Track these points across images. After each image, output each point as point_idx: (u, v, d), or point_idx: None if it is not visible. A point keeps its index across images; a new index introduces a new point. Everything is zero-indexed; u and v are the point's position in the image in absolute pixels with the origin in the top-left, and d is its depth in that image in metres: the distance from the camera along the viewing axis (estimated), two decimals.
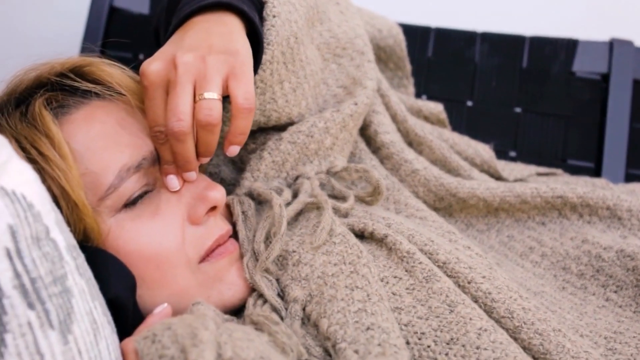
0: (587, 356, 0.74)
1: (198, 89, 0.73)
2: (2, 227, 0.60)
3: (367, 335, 0.72)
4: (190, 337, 0.62)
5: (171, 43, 0.77)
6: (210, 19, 0.78)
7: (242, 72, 0.74)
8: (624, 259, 0.89)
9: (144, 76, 0.74)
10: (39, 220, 0.62)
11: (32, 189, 0.63)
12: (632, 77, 1.18)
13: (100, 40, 1.19)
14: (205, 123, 0.73)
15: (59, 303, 0.61)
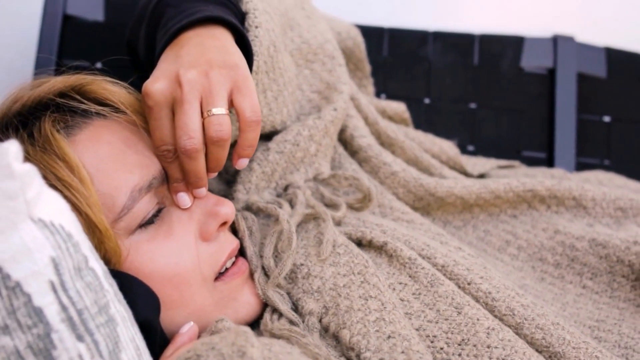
0: (587, 346, 0.79)
1: (205, 105, 0.73)
2: (44, 260, 0.59)
3: (389, 344, 0.74)
4: (239, 355, 0.63)
5: (168, 60, 0.77)
6: (202, 34, 0.79)
7: (245, 86, 0.75)
8: (597, 248, 0.95)
9: (148, 96, 0.74)
10: (79, 250, 0.62)
11: (67, 218, 0.63)
12: (576, 70, 1.25)
13: (56, 48, 1.15)
14: (217, 139, 0.73)
15: (106, 333, 0.61)
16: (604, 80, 1.27)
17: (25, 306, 0.58)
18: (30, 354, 0.58)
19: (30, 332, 0.58)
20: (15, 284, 0.58)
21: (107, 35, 1.18)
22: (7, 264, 0.58)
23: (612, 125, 1.26)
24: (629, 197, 1.03)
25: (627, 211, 1.02)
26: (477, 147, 1.23)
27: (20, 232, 0.59)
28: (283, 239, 0.83)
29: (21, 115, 0.77)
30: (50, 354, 0.58)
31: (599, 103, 1.26)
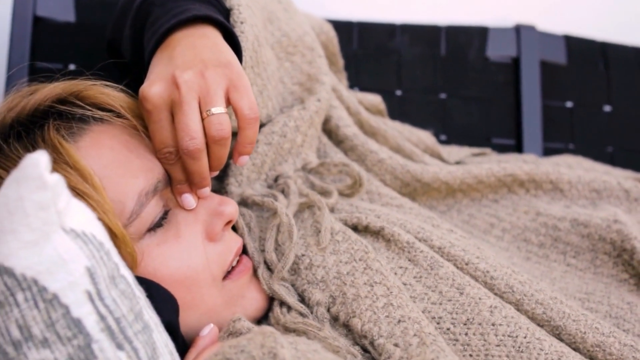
0: (586, 318, 0.83)
1: (204, 105, 0.74)
2: (80, 270, 0.60)
3: (401, 328, 0.77)
4: (270, 357, 0.65)
5: (162, 62, 0.77)
6: (192, 33, 0.79)
7: (241, 84, 0.76)
8: (578, 227, 1.00)
9: (146, 100, 0.74)
10: (111, 259, 0.62)
11: (96, 226, 0.63)
12: (539, 58, 1.30)
13: (28, 51, 1.13)
14: (219, 138, 0.74)
15: (144, 340, 0.62)
16: (564, 67, 1.32)
17: (64, 318, 0.58)
18: None
19: (70, 344, 0.58)
20: (53, 296, 0.58)
21: (80, 36, 1.16)
22: (43, 276, 0.58)
23: (575, 110, 1.31)
24: (602, 179, 1.07)
25: (601, 192, 1.07)
26: (449, 136, 1.27)
27: (53, 243, 0.59)
28: (282, 232, 0.84)
29: (20, 123, 0.76)
30: None
31: (561, 89, 1.31)
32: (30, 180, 0.57)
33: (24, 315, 0.58)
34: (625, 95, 1.32)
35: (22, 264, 0.58)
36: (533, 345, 0.79)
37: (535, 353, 0.78)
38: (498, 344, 0.79)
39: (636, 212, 1.06)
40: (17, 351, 0.58)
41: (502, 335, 0.79)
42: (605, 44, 1.34)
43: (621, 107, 1.32)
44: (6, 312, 0.58)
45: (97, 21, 1.17)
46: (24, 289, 0.58)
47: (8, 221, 0.58)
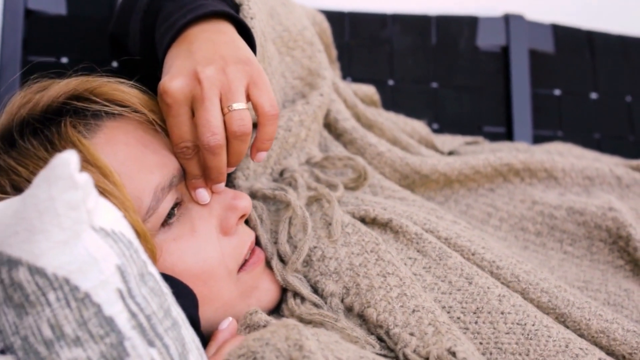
0: (589, 305, 0.85)
1: (225, 101, 0.74)
2: (111, 268, 0.60)
3: (415, 317, 0.78)
4: (297, 349, 0.65)
5: (180, 57, 0.77)
6: (209, 29, 0.79)
7: (261, 80, 0.76)
8: (574, 215, 1.02)
9: (166, 94, 0.74)
10: (139, 256, 0.63)
11: (124, 224, 0.63)
12: (528, 47, 1.31)
13: (20, 44, 1.12)
14: (240, 133, 0.74)
15: (174, 336, 0.62)
16: (552, 56, 1.33)
17: (96, 316, 0.58)
18: None
19: (102, 342, 0.58)
20: (85, 294, 0.58)
21: (71, 29, 1.15)
22: (75, 275, 0.58)
23: (563, 98, 1.33)
24: (594, 167, 1.10)
25: (594, 179, 1.09)
26: (441, 125, 1.28)
27: (84, 242, 0.59)
28: (295, 224, 0.85)
29: (35, 119, 0.76)
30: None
31: (550, 77, 1.33)
32: (60, 180, 0.57)
33: (55, 314, 0.58)
34: (611, 83, 1.35)
35: (54, 264, 0.58)
36: (541, 333, 0.81)
37: (543, 340, 0.80)
38: (507, 332, 0.81)
39: (628, 198, 1.09)
40: (49, 350, 0.58)
41: (511, 323, 0.81)
42: (591, 32, 1.36)
43: (607, 95, 1.34)
44: (37, 311, 0.58)
45: (89, 13, 1.17)
46: (56, 289, 0.58)
47: (38, 221, 0.58)
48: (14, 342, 0.59)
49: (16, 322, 0.59)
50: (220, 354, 0.70)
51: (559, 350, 0.80)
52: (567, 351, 0.80)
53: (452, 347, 0.74)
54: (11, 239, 0.59)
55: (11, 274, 0.58)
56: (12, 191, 0.70)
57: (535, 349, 0.80)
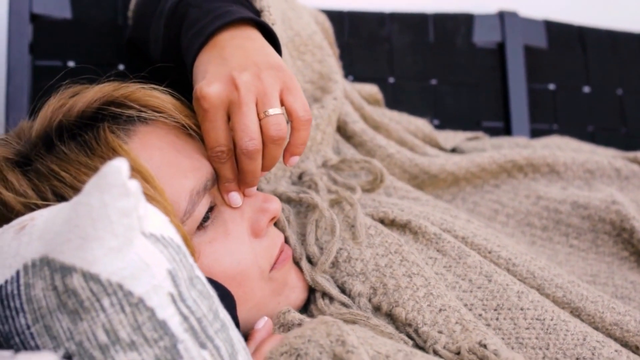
0: (602, 299, 0.88)
1: (261, 106, 0.76)
2: (162, 273, 0.61)
3: (443, 316, 0.80)
4: (340, 344, 0.67)
5: (212, 62, 0.78)
6: (238, 35, 0.80)
7: (293, 86, 0.78)
8: (579, 209, 1.05)
9: (204, 99, 0.75)
10: (187, 260, 0.64)
11: (171, 230, 0.65)
12: (523, 43, 1.35)
13: (27, 49, 1.12)
14: (277, 137, 0.76)
15: (224, 337, 0.63)
16: (546, 51, 1.37)
17: (150, 320, 0.60)
18: None
19: (157, 346, 0.60)
20: (138, 299, 0.60)
21: (77, 32, 1.16)
22: (128, 281, 0.59)
23: (557, 92, 1.36)
24: (594, 160, 1.13)
25: (595, 172, 1.12)
26: (442, 120, 1.31)
27: (136, 248, 0.60)
28: (321, 226, 0.87)
29: (71, 124, 0.77)
30: None
31: (544, 72, 1.36)
32: (113, 187, 0.58)
33: (110, 319, 0.59)
34: (602, 77, 1.38)
35: (108, 270, 0.59)
36: (560, 327, 0.83)
37: (562, 334, 0.83)
38: (527, 327, 0.84)
39: (628, 190, 1.12)
40: (104, 355, 0.59)
41: (530, 319, 0.84)
42: (582, 27, 1.39)
43: (599, 88, 1.38)
44: (92, 317, 0.59)
45: (93, 17, 1.17)
46: (110, 294, 0.59)
47: (92, 228, 0.59)
48: (68, 348, 0.60)
49: (70, 328, 0.60)
50: (260, 353, 0.72)
51: (577, 344, 0.83)
52: (584, 344, 0.83)
53: (482, 340, 0.76)
54: (64, 247, 0.60)
55: (65, 281, 0.59)
56: (53, 197, 0.71)
57: (555, 342, 0.83)
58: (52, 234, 0.61)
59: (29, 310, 0.61)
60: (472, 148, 1.19)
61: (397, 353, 0.71)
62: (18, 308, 0.62)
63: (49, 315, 0.61)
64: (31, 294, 0.61)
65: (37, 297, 0.61)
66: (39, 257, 0.61)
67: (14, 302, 0.62)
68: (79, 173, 0.72)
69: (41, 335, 0.61)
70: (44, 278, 0.61)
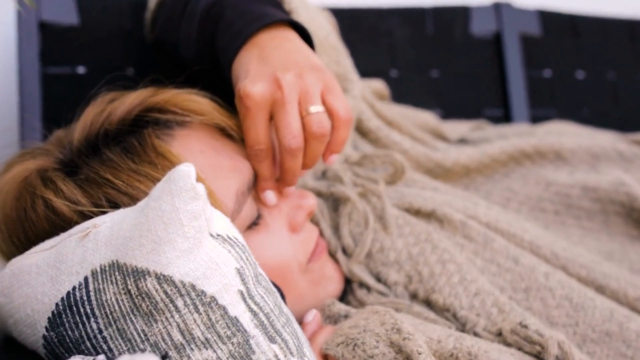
0: (623, 276, 0.92)
1: (303, 104, 0.77)
2: (231, 272, 0.63)
3: (479, 300, 0.83)
4: (395, 332, 0.70)
5: (253, 62, 0.79)
6: (276, 36, 0.82)
7: (334, 87, 0.79)
8: (588, 192, 1.08)
9: (248, 97, 0.76)
10: (251, 258, 0.66)
11: (234, 229, 0.66)
12: (518, 32, 1.38)
13: (37, 57, 1.12)
14: (320, 134, 0.77)
15: (290, 331, 0.65)
16: (540, 39, 1.40)
17: (223, 318, 0.61)
18: None
19: (230, 342, 0.61)
20: (211, 299, 0.61)
21: (84, 38, 1.16)
22: (200, 281, 0.61)
23: (553, 79, 1.40)
24: (598, 144, 1.16)
25: (599, 156, 1.16)
26: (444, 111, 1.33)
27: (206, 249, 0.62)
28: (353, 219, 0.89)
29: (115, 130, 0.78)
30: (250, 359, 0.62)
31: (539, 60, 1.40)
32: (184, 192, 0.60)
33: (185, 319, 0.61)
34: (595, 62, 1.42)
35: (180, 272, 0.61)
36: (587, 304, 0.87)
37: (590, 311, 0.87)
38: (557, 306, 0.87)
39: (632, 172, 1.16)
40: (180, 354, 0.61)
41: (559, 298, 0.87)
42: (574, 15, 1.43)
43: (592, 73, 1.42)
44: (166, 318, 0.61)
45: (100, 22, 1.17)
46: (183, 295, 0.61)
47: (164, 232, 0.60)
48: (144, 350, 0.62)
49: (145, 330, 0.61)
50: (315, 345, 0.74)
51: (605, 319, 0.86)
52: (612, 319, 0.86)
53: (523, 321, 0.79)
54: (136, 251, 0.61)
55: (138, 284, 0.61)
56: (107, 204, 0.72)
57: (584, 319, 0.86)
58: (120, 239, 0.62)
59: (101, 315, 0.63)
60: (478, 138, 1.22)
61: (448, 338, 0.73)
62: (89, 313, 0.63)
63: (122, 319, 0.62)
64: (102, 298, 0.63)
65: (109, 302, 0.62)
66: (108, 262, 0.63)
67: (84, 307, 0.63)
68: (131, 179, 0.73)
69: (114, 338, 0.63)
70: (115, 283, 0.62)
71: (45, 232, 0.73)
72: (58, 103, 1.13)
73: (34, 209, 0.73)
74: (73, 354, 0.65)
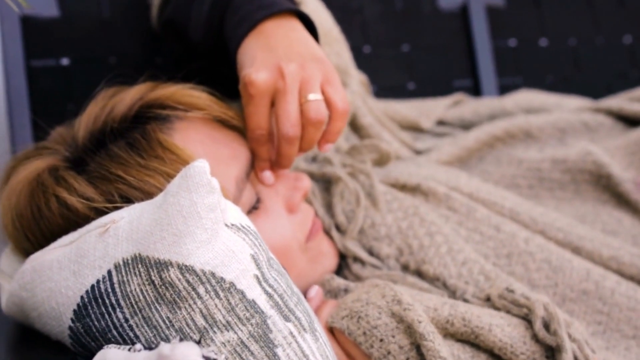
0: (597, 237, 0.99)
1: (303, 92, 0.81)
2: (247, 258, 0.68)
3: (466, 269, 0.89)
4: (396, 303, 0.75)
5: (260, 50, 0.83)
6: (283, 25, 0.85)
7: (334, 78, 0.84)
8: (558, 165, 1.14)
9: (252, 85, 0.80)
10: (263, 244, 0.71)
11: (245, 218, 0.71)
12: (484, 4, 1.43)
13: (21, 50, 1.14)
14: (316, 120, 0.82)
15: (302, 309, 0.71)
16: (504, 10, 1.46)
17: (242, 301, 0.66)
18: (252, 342, 0.66)
19: (249, 323, 0.66)
20: (230, 284, 0.66)
21: (66, 30, 1.18)
22: (219, 269, 0.66)
23: (518, 48, 1.46)
24: (564, 118, 1.22)
25: (566, 130, 1.21)
26: (417, 84, 1.39)
27: (222, 239, 0.66)
28: (345, 197, 0.94)
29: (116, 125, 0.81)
30: (268, 337, 0.67)
31: (505, 30, 1.45)
32: (200, 186, 0.64)
33: (207, 305, 0.66)
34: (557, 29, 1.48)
35: (200, 261, 0.65)
36: (565, 266, 0.93)
37: (568, 272, 0.93)
38: (537, 269, 0.93)
39: (597, 141, 1.22)
40: (203, 337, 0.66)
41: (539, 261, 0.93)
42: None
43: (555, 41, 1.48)
44: (189, 304, 0.66)
45: (80, 13, 1.19)
46: (204, 282, 0.65)
47: (184, 226, 0.65)
48: (169, 335, 0.66)
49: (170, 317, 0.66)
50: (320, 318, 0.79)
51: (582, 279, 0.93)
52: (589, 279, 0.93)
53: (509, 286, 0.85)
54: (157, 245, 0.65)
55: (161, 275, 0.65)
56: (120, 200, 0.76)
57: (563, 280, 0.93)
58: (141, 234, 0.66)
59: (126, 305, 0.67)
60: (456, 119, 1.26)
61: (443, 305, 0.79)
62: (114, 304, 0.67)
63: (147, 308, 0.66)
64: (127, 290, 0.67)
65: (133, 292, 0.67)
66: (130, 256, 0.67)
67: (109, 299, 0.68)
68: (141, 174, 0.76)
69: (140, 326, 0.67)
70: (138, 274, 0.66)
71: (60, 228, 0.77)
72: (45, 95, 1.16)
73: (48, 206, 0.77)
74: (99, 343, 0.69)
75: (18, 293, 0.76)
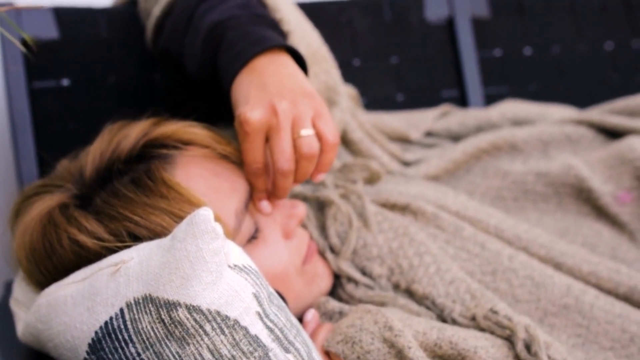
0: (579, 252, 1.04)
1: (295, 128, 0.86)
2: (249, 297, 0.73)
3: (453, 288, 0.95)
4: (387, 329, 0.81)
5: (253, 87, 0.87)
6: (274, 61, 0.90)
7: (324, 113, 0.89)
8: (541, 178, 1.19)
9: (247, 123, 0.85)
10: (263, 281, 0.76)
11: (246, 257, 0.76)
12: (470, 15, 1.47)
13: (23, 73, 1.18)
14: (309, 155, 0.87)
15: (301, 340, 0.76)
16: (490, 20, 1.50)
17: (245, 337, 0.72)
18: None
19: (253, 356, 0.72)
20: (234, 321, 0.71)
21: (66, 51, 1.22)
22: (224, 308, 0.71)
23: (503, 57, 1.51)
24: (547, 131, 1.26)
25: (549, 142, 1.26)
26: (405, 95, 1.43)
27: (226, 280, 0.72)
28: (338, 220, 0.99)
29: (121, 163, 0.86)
30: None
31: (490, 40, 1.50)
32: (205, 233, 0.69)
33: (213, 341, 0.71)
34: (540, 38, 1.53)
35: (207, 301, 0.70)
36: (547, 282, 0.99)
37: (549, 287, 0.99)
38: (520, 285, 0.99)
39: (579, 153, 1.26)
40: None
41: (522, 278, 0.99)
42: None
43: (538, 49, 1.53)
44: (197, 341, 0.71)
45: (79, 34, 1.23)
46: (210, 320, 0.71)
47: (191, 270, 0.70)
48: None
49: (179, 352, 0.71)
50: (316, 342, 0.85)
51: (563, 294, 0.99)
52: (569, 294, 0.99)
53: (493, 307, 0.91)
54: (167, 286, 0.70)
55: (171, 314, 0.70)
56: (129, 238, 0.80)
57: (545, 295, 0.98)
58: (151, 275, 0.72)
59: (138, 341, 0.72)
60: (444, 130, 1.30)
61: (431, 329, 0.85)
62: (127, 339, 0.73)
63: (158, 344, 0.72)
64: (138, 327, 0.72)
65: (145, 329, 0.72)
66: (141, 296, 0.72)
67: (122, 334, 0.73)
68: (147, 214, 0.81)
69: (152, 359, 0.72)
70: (149, 313, 0.71)
71: (72, 263, 0.82)
72: (47, 116, 1.20)
73: (60, 243, 0.82)
74: None
75: (34, 325, 0.81)
